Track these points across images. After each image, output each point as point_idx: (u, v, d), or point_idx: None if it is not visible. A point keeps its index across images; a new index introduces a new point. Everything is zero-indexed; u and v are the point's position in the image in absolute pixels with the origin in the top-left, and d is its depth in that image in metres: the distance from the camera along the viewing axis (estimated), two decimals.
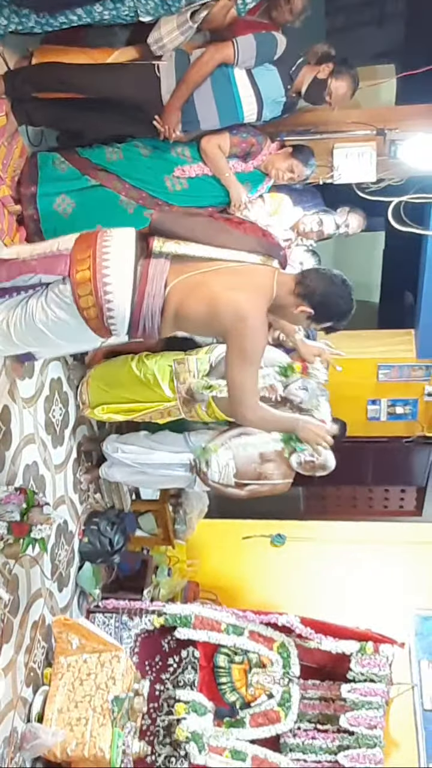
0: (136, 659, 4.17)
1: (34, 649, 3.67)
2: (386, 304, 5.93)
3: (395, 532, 5.21)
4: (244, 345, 2.54)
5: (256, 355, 2.58)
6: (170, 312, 2.61)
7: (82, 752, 3.48)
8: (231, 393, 2.65)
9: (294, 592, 4.75)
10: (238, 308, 2.53)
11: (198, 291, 2.60)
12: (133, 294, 2.58)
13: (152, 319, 2.61)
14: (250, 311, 2.53)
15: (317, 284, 2.60)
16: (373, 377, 5.24)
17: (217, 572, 4.78)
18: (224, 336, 2.58)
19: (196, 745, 3.86)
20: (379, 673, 4.11)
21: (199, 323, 2.64)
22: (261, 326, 2.57)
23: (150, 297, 2.58)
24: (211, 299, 2.57)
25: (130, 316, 2.60)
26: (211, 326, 2.63)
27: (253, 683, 4.21)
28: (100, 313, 2.57)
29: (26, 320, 2.65)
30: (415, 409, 5.36)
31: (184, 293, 2.60)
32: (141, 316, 2.60)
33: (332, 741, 4.14)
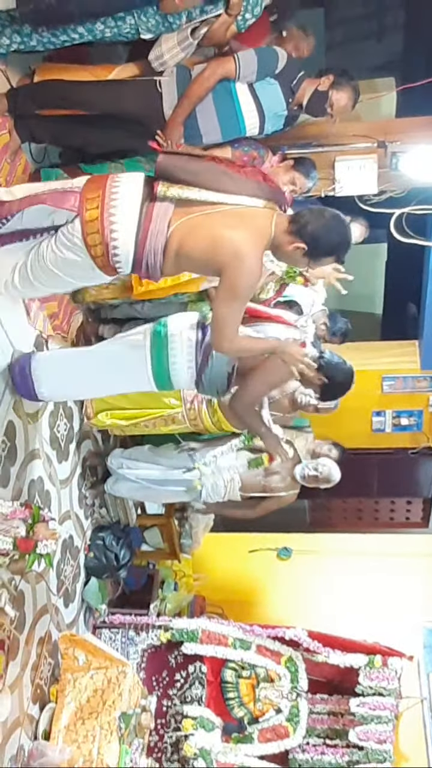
0: (143, 675, 4.15)
1: (41, 666, 3.65)
2: (390, 315, 5.93)
3: (402, 543, 5.19)
4: (237, 281, 2.64)
5: (245, 293, 2.69)
6: (172, 250, 2.71)
7: None
8: (214, 324, 2.78)
9: (301, 605, 4.73)
10: (236, 246, 2.63)
11: (199, 230, 2.69)
12: (137, 232, 2.68)
13: (154, 256, 2.71)
14: (248, 250, 2.63)
15: (308, 219, 2.68)
16: (378, 389, 5.24)
17: (224, 586, 4.76)
18: (220, 272, 2.67)
19: (204, 762, 3.84)
20: (387, 686, 4.08)
21: (198, 261, 2.74)
22: (256, 266, 2.67)
23: (153, 235, 2.68)
24: (211, 238, 2.67)
25: (134, 252, 2.69)
26: (209, 264, 2.71)
27: (261, 698, 4.18)
28: (105, 250, 2.68)
29: (39, 263, 2.78)
30: (420, 420, 5.35)
31: (185, 232, 2.69)
32: (144, 253, 2.70)
33: (342, 756, 4.10)
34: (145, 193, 2.73)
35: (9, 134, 3.42)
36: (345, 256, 2.79)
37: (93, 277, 2.85)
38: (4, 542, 2.95)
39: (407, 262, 5.28)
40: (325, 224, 2.69)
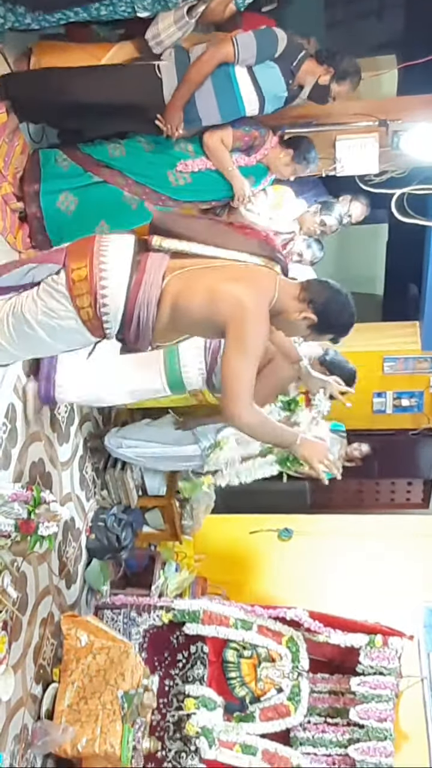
0: (144, 655, 4.17)
1: (43, 647, 3.68)
2: (390, 296, 5.90)
3: (402, 524, 5.20)
4: (243, 334, 2.42)
5: (256, 347, 2.44)
6: (167, 304, 2.49)
7: (92, 748, 3.49)
8: (225, 387, 2.47)
9: (302, 586, 4.74)
10: (239, 297, 2.43)
11: (197, 282, 2.50)
12: (129, 283, 2.47)
13: (147, 310, 2.47)
14: (252, 302, 2.44)
15: (322, 292, 2.54)
16: (379, 370, 5.22)
17: (225, 567, 4.78)
18: (223, 327, 2.45)
19: (206, 740, 3.88)
20: (388, 666, 4.11)
21: (197, 316, 2.50)
22: (262, 319, 2.46)
23: (147, 285, 2.47)
24: (210, 290, 2.47)
25: (124, 304, 2.47)
26: (209, 319, 2.48)
27: (262, 678, 4.21)
28: (93, 300, 2.45)
29: (15, 317, 2.54)
30: (421, 402, 5.34)
31: (182, 284, 2.50)
32: (136, 305, 2.47)
33: (342, 734, 4.14)
34: (137, 245, 2.55)
35: (6, 114, 3.38)
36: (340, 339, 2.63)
37: (75, 336, 2.56)
38: (6, 524, 2.96)
39: (408, 243, 5.25)
40: (340, 302, 2.56)
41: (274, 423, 2.64)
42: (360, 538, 4.92)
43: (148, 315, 2.48)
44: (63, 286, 2.47)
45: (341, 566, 4.83)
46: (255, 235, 2.66)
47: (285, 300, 2.52)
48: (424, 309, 4.95)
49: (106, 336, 2.55)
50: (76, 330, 2.51)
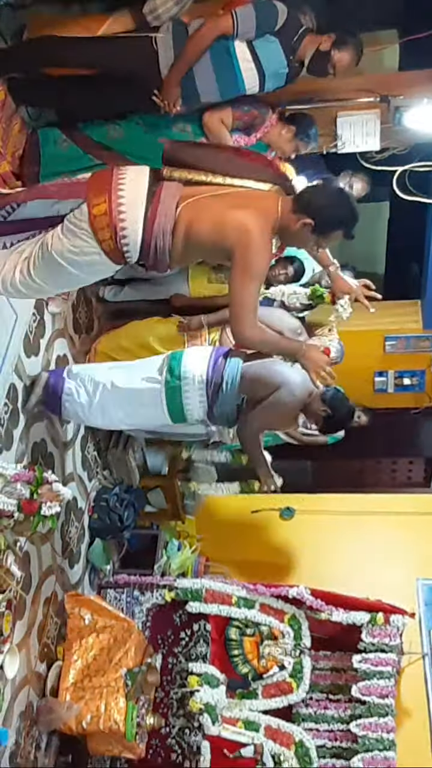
0: (148, 633, 4.20)
1: (47, 625, 3.71)
2: (392, 275, 5.88)
3: (404, 503, 5.20)
4: (248, 258, 2.61)
5: (258, 271, 2.66)
6: (180, 232, 2.66)
7: (97, 725, 3.53)
8: (232, 308, 2.72)
9: (304, 564, 4.76)
10: (243, 224, 2.60)
11: (206, 211, 2.66)
12: (145, 213, 2.62)
13: (163, 237, 2.64)
14: (255, 227, 2.60)
15: (311, 194, 2.69)
16: (380, 349, 5.21)
17: (227, 546, 4.80)
18: (230, 253, 2.64)
19: (209, 717, 3.91)
20: (389, 643, 4.13)
21: (206, 243, 2.69)
22: (265, 244, 2.64)
23: (162, 216, 2.63)
24: (218, 220, 2.64)
25: (142, 233, 2.62)
26: (217, 245, 2.67)
27: (264, 655, 4.24)
28: (114, 233, 2.61)
29: (44, 255, 2.68)
30: (423, 380, 5.33)
31: (193, 214, 2.66)
32: (153, 234, 2.63)
33: (344, 710, 4.17)
34: (152, 177, 2.70)
35: (4, 94, 3.36)
36: (353, 230, 2.72)
37: (100, 267, 2.74)
38: (9, 504, 2.97)
39: (410, 221, 5.23)
40: (329, 197, 2.69)
41: (276, 337, 2.95)
42: (362, 517, 4.92)
43: (164, 243, 2.66)
44: (86, 222, 2.62)
45: (343, 545, 4.84)
46: (259, 160, 2.86)
47: (286, 216, 2.67)
48: (426, 287, 4.94)
49: (128, 262, 2.72)
50: (100, 262, 2.68)
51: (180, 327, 4.22)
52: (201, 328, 4.22)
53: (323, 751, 4.07)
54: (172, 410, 3.56)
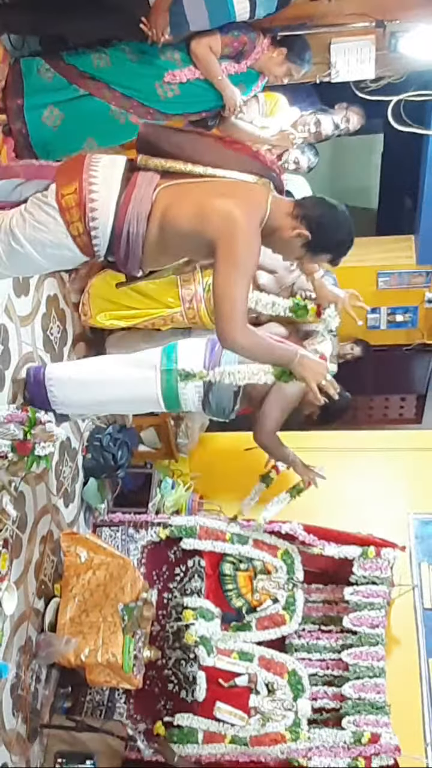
0: (143, 570, 4.26)
1: (44, 563, 3.75)
2: (385, 209, 5.78)
3: (395, 439, 5.23)
4: (235, 250, 2.33)
5: (248, 264, 2.37)
6: (156, 218, 2.42)
7: (95, 658, 3.60)
8: (218, 308, 2.39)
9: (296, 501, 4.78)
10: (229, 212, 2.35)
11: (187, 197, 2.43)
12: (119, 195, 2.42)
13: (137, 224, 2.40)
14: (243, 217, 2.35)
15: (317, 207, 2.47)
16: (373, 285, 5.16)
17: (221, 484, 4.83)
18: (213, 243, 2.37)
19: (204, 649, 4.01)
20: (381, 575, 4.21)
21: (186, 231, 2.41)
22: (254, 235, 2.38)
23: (137, 200, 2.42)
24: (200, 204, 2.40)
25: (114, 218, 2.40)
26: (199, 234, 2.40)
27: (258, 589, 4.31)
28: (82, 214, 2.39)
29: (2, 229, 2.46)
30: (415, 317, 5.30)
31: (172, 199, 2.44)
32: (126, 220, 2.40)
33: (336, 641, 4.28)
34: (127, 165, 2.50)
35: None
36: (341, 260, 2.54)
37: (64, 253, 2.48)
38: (3, 445, 2.97)
39: (404, 154, 5.11)
40: (336, 218, 2.48)
41: (270, 342, 2.55)
42: (353, 454, 4.96)
43: (138, 229, 2.41)
44: (52, 198, 2.42)
45: (335, 481, 4.82)
46: (245, 151, 2.58)
47: (278, 217, 2.44)
48: (420, 222, 4.86)
49: (95, 254, 2.48)
50: (66, 246, 2.45)
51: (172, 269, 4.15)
52: (194, 270, 4.15)
53: (315, 679, 4.19)
54: (168, 396, 3.49)
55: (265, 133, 3.72)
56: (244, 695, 4.08)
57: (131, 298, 4.11)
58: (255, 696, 4.07)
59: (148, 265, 2.58)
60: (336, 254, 2.50)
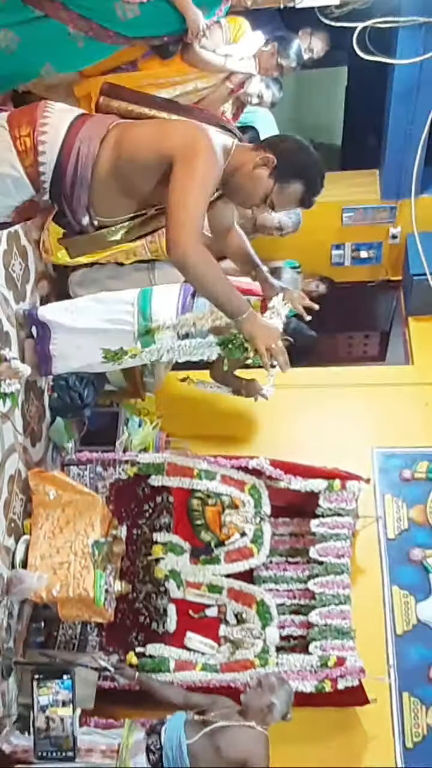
0: (112, 507, 4.28)
1: (13, 502, 3.75)
2: (349, 144, 5.71)
3: (359, 376, 5.29)
4: (195, 162, 2.13)
5: (207, 179, 2.16)
6: (110, 146, 2.26)
7: (67, 593, 3.64)
8: (171, 215, 2.12)
9: (263, 436, 4.86)
10: (192, 127, 2.24)
11: (146, 124, 2.33)
12: (73, 119, 2.31)
13: (89, 145, 2.24)
14: (205, 136, 2.20)
15: (280, 139, 2.41)
16: (338, 221, 5.12)
17: (187, 422, 4.85)
18: (171, 159, 2.18)
19: (174, 582, 4.09)
20: (346, 507, 4.29)
21: (143, 154, 2.23)
22: (216, 156, 2.20)
23: (92, 123, 2.31)
24: (160, 126, 2.29)
25: (65, 134, 2.26)
26: (156, 151, 2.21)
27: (226, 523, 4.37)
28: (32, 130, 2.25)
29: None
30: (380, 253, 5.29)
31: (129, 127, 2.32)
32: (77, 138, 2.24)
33: (302, 571, 4.37)
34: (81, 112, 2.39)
35: None
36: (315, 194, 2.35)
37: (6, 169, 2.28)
38: None
39: (368, 87, 5.03)
40: (300, 144, 2.37)
41: (227, 278, 2.26)
42: (319, 390, 5.00)
43: (88, 151, 2.24)
44: (3, 119, 2.32)
45: (301, 417, 4.93)
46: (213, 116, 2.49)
47: (241, 155, 2.33)
48: (384, 155, 4.82)
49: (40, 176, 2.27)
50: (8, 161, 2.27)
51: None
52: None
53: (283, 608, 4.29)
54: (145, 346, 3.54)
55: (228, 62, 3.63)
56: (213, 625, 4.18)
57: None
58: (224, 626, 4.17)
59: (97, 209, 2.33)
60: (308, 181, 2.33)
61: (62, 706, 3.20)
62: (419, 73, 4.19)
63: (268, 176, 2.31)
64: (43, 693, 3.20)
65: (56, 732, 3.17)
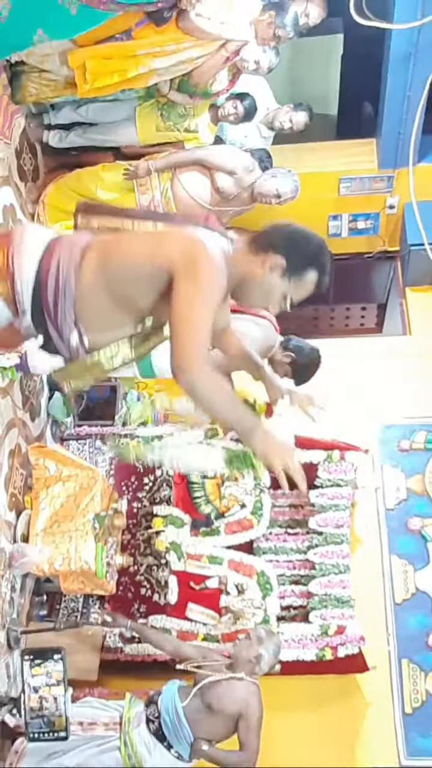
0: (112, 481, 4.31)
1: (13, 477, 3.76)
2: (346, 114, 5.64)
3: (357, 348, 5.28)
4: (198, 272, 1.93)
5: (212, 290, 1.97)
6: (93, 256, 2.05)
7: (68, 566, 3.67)
8: (175, 332, 1.94)
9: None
10: (186, 237, 2.01)
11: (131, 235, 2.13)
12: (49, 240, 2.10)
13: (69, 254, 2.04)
14: (202, 245, 1.98)
15: (273, 232, 2.14)
16: (335, 191, 5.07)
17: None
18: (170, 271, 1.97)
19: (175, 554, 4.12)
20: (345, 478, 4.32)
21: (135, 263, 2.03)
22: (219, 266, 1.99)
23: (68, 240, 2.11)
24: (150, 235, 2.08)
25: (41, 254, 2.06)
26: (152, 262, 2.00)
27: (226, 495, 4.39)
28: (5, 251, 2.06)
29: None
30: (377, 224, 5.25)
31: (113, 237, 2.11)
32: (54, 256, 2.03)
33: (302, 542, 4.41)
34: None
35: None
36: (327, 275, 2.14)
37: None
38: None
39: (365, 55, 4.96)
40: (295, 228, 2.14)
41: (234, 397, 2.09)
42: None
43: (69, 260, 2.03)
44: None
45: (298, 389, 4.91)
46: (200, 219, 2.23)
47: (244, 262, 2.11)
48: (381, 123, 4.76)
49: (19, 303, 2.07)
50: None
51: (127, 175, 4.04)
52: (149, 174, 4.05)
53: (283, 579, 4.33)
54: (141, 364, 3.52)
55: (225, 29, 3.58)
56: (214, 596, 4.21)
57: None
58: (225, 596, 4.21)
59: (86, 324, 2.09)
60: (320, 266, 2.12)
61: (55, 685, 3.19)
62: (417, 38, 4.13)
63: (281, 279, 2.10)
64: (36, 673, 3.19)
65: (49, 711, 3.17)
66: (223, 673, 3.30)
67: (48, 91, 3.78)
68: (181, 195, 4.08)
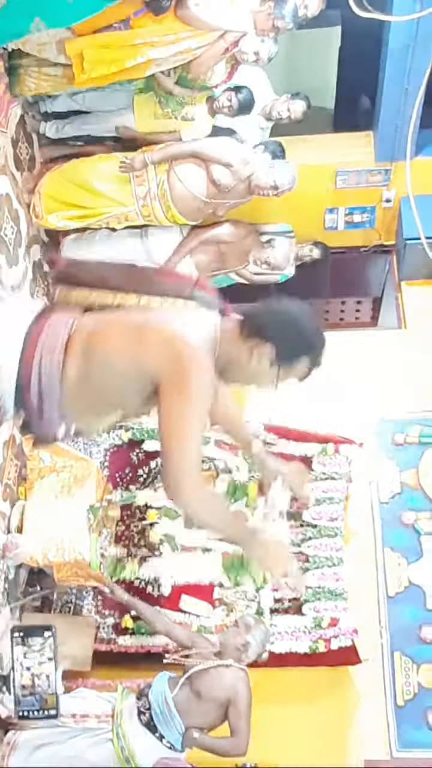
0: (106, 472, 4.30)
1: (7, 468, 3.75)
2: (343, 106, 5.62)
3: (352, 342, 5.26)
4: (186, 381, 1.84)
5: (202, 399, 1.88)
6: (77, 349, 1.96)
7: (62, 557, 3.67)
8: (166, 452, 1.89)
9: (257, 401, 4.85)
10: (176, 339, 1.90)
11: (117, 323, 2.00)
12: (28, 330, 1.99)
13: (51, 357, 1.94)
14: (194, 348, 1.90)
15: (264, 315, 2.02)
16: (331, 184, 5.05)
17: None
18: (156, 373, 1.89)
19: (169, 546, 4.11)
20: (339, 471, 4.33)
21: (118, 360, 1.94)
22: (207, 367, 1.92)
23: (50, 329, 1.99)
24: (136, 329, 1.95)
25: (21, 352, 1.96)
26: (135, 365, 1.92)
27: None
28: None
29: None
30: (373, 217, 5.23)
31: (96, 326, 2.00)
32: (36, 350, 1.94)
33: (296, 535, 4.40)
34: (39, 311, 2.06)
35: None
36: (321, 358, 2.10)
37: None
38: None
39: (362, 47, 4.94)
40: (287, 313, 2.03)
41: (228, 512, 2.16)
42: None
43: (51, 363, 1.94)
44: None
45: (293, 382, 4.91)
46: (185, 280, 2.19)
47: (231, 343, 2.01)
48: (379, 116, 4.74)
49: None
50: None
51: (123, 167, 4.02)
52: (145, 166, 4.03)
53: None
54: None
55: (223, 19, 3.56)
56: (208, 588, 4.21)
57: (83, 198, 4.00)
58: (219, 588, 4.21)
59: (75, 418, 2.06)
60: (311, 352, 2.07)
61: (46, 663, 3.19)
62: (416, 30, 4.11)
63: (271, 367, 2.02)
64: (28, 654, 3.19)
65: (41, 689, 3.18)
66: (211, 661, 3.32)
67: (47, 86, 3.77)
68: (178, 187, 4.07)
